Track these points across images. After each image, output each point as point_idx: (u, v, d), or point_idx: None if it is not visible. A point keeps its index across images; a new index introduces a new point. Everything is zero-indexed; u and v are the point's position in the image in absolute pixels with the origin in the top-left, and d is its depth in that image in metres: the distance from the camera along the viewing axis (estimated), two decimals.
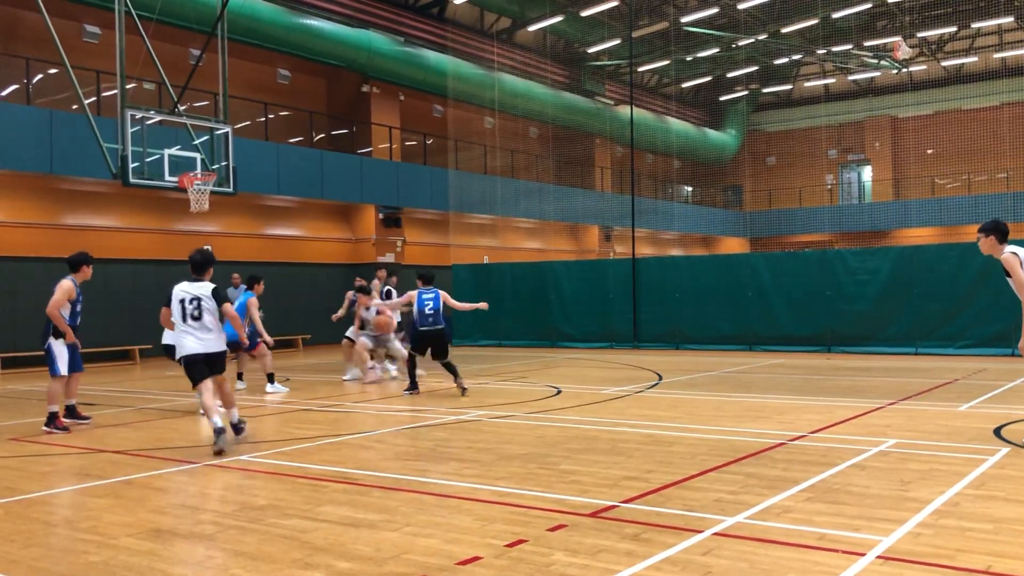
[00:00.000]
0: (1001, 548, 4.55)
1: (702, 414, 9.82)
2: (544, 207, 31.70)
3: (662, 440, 8.10)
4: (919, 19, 35.20)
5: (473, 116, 30.59)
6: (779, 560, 4.44)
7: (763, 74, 41.55)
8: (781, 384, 12.93)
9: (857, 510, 5.38)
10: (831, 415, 9.40)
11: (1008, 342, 16.72)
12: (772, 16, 34.32)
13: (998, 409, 9.59)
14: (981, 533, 4.82)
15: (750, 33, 34.75)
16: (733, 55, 37.63)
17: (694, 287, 20.43)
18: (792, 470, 6.56)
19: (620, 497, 5.81)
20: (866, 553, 4.48)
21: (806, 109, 43.14)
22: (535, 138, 34.86)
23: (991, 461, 6.73)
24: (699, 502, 5.65)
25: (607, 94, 37.64)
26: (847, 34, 35.60)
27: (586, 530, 5.05)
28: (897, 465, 6.71)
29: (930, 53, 38.77)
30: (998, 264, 8.02)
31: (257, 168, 21.37)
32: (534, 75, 33.58)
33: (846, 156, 43.19)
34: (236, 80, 20.46)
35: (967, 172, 38.21)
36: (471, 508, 5.66)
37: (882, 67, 38.23)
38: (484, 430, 9.00)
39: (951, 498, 5.60)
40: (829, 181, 43.04)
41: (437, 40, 29.52)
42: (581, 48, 35.37)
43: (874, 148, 42.05)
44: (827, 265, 18.92)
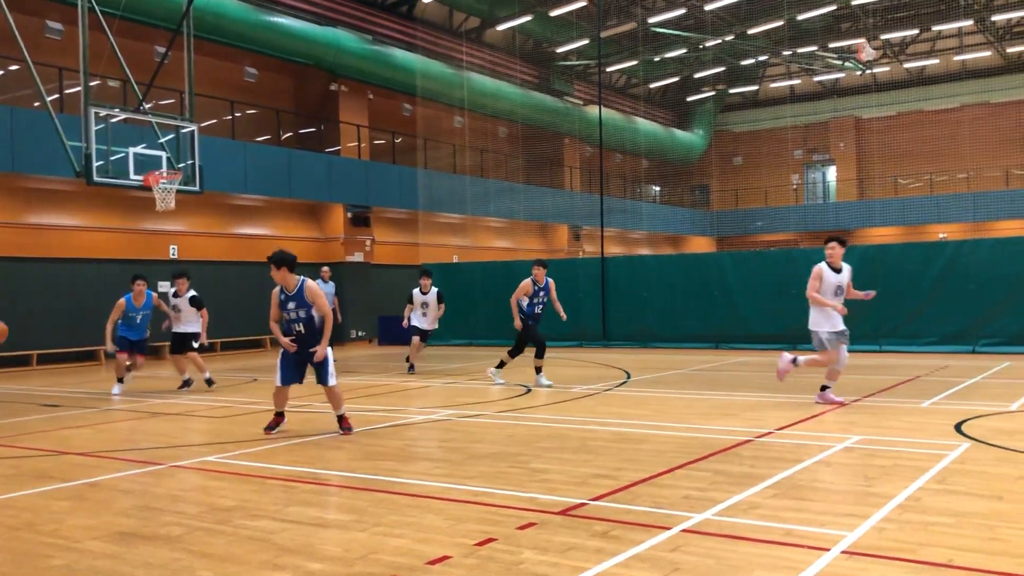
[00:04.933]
0: (962, 542, 4.63)
1: (670, 412, 9.89)
2: (514, 206, 31.73)
3: (631, 438, 8.14)
4: (882, 21, 35.68)
5: (442, 115, 30.54)
6: (746, 556, 4.49)
7: (730, 75, 41.91)
8: (748, 382, 13.06)
9: (822, 506, 5.45)
10: (797, 412, 9.51)
11: (968, 339, 17.05)
12: (738, 17, 34.62)
13: (959, 405, 9.76)
14: (943, 527, 4.91)
15: (717, 34, 35.02)
16: (700, 56, 37.91)
17: (662, 286, 20.55)
18: (759, 467, 6.63)
19: (589, 495, 5.84)
20: (831, 548, 4.54)
21: (772, 110, 43.59)
22: (504, 137, 34.87)
23: (952, 456, 6.85)
24: (667, 499, 5.69)
25: (576, 94, 37.75)
26: (812, 36, 36.02)
27: (556, 528, 5.07)
28: (861, 461, 6.81)
29: (893, 55, 39.33)
30: (961, 263, 8.17)
31: (224, 167, 21.17)
32: (503, 74, 33.59)
33: (811, 156, 43.67)
34: (202, 78, 20.23)
35: (929, 172, 38.81)
36: (441, 507, 5.66)
37: (846, 68, 38.72)
38: (454, 429, 9.00)
39: (914, 493, 5.69)
40: (795, 181, 43.51)
41: (406, 39, 29.42)
42: (550, 48, 35.45)
43: (839, 148, 42.57)
44: (792, 264, 19.11)
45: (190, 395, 12.77)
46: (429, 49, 29.88)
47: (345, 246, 26.30)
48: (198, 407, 11.33)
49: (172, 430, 9.52)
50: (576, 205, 34.97)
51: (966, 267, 17.05)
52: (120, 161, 14.15)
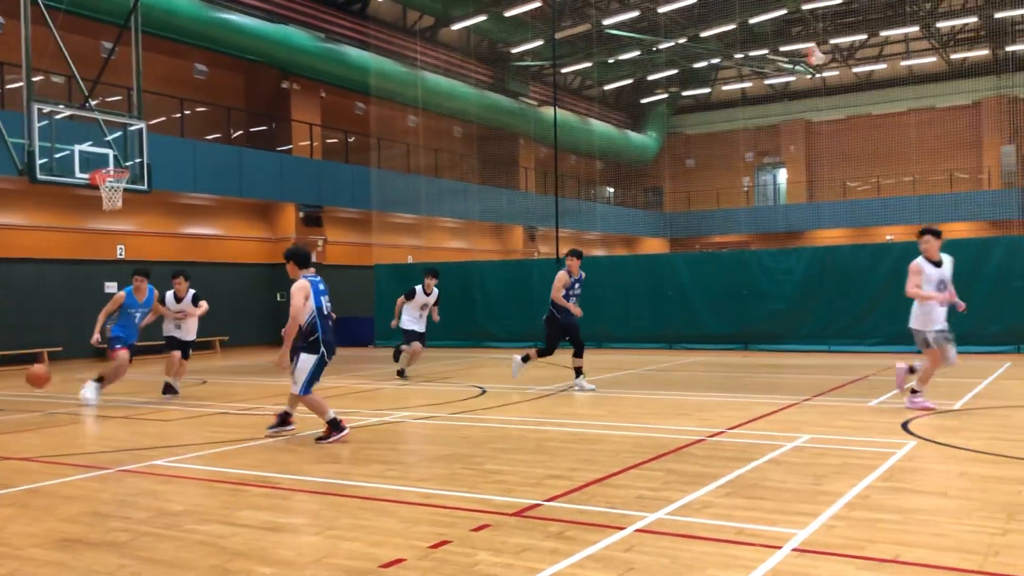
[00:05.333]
0: (909, 538, 4.72)
1: (624, 412, 9.94)
2: (468, 206, 31.67)
3: (586, 438, 8.16)
4: (831, 26, 36.32)
5: (396, 114, 30.37)
6: (699, 555, 4.52)
7: (683, 77, 42.33)
8: (700, 381, 13.18)
9: (774, 504, 5.51)
10: (748, 411, 9.62)
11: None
12: (691, 20, 34.98)
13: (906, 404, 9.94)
14: (890, 524, 5.00)
15: (670, 37, 35.34)
16: (654, 58, 38.23)
17: (616, 287, 20.66)
18: (711, 466, 6.69)
19: (544, 496, 5.84)
20: (782, 546, 4.59)
21: (724, 113, 44.10)
22: (459, 137, 34.80)
23: (899, 454, 6.98)
24: (622, 499, 5.71)
25: (531, 95, 37.82)
26: (763, 39, 36.53)
27: (510, 529, 5.06)
28: (811, 460, 6.90)
29: (842, 59, 40.05)
30: (908, 264, 8.31)
31: (173, 165, 20.81)
32: (458, 74, 33.52)
33: (762, 159, 44.29)
34: (150, 74, 19.86)
35: (876, 175, 39.58)
36: (395, 510, 5.61)
37: (797, 72, 39.33)
38: (408, 431, 8.94)
39: (862, 491, 5.78)
40: (746, 183, 44.08)
41: (359, 37, 29.21)
42: (505, 48, 35.47)
43: (789, 151, 43.21)
44: (744, 265, 19.38)
45: (139, 398, 12.51)
46: (383, 48, 29.69)
47: None
48: (146, 410, 11.11)
49: (119, 434, 9.31)
50: (531, 206, 35.03)
51: None
52: (65, 159, 13.83)
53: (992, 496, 5.59)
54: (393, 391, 12.88)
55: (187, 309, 12.76)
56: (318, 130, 28.14)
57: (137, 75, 14.98)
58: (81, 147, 14.16)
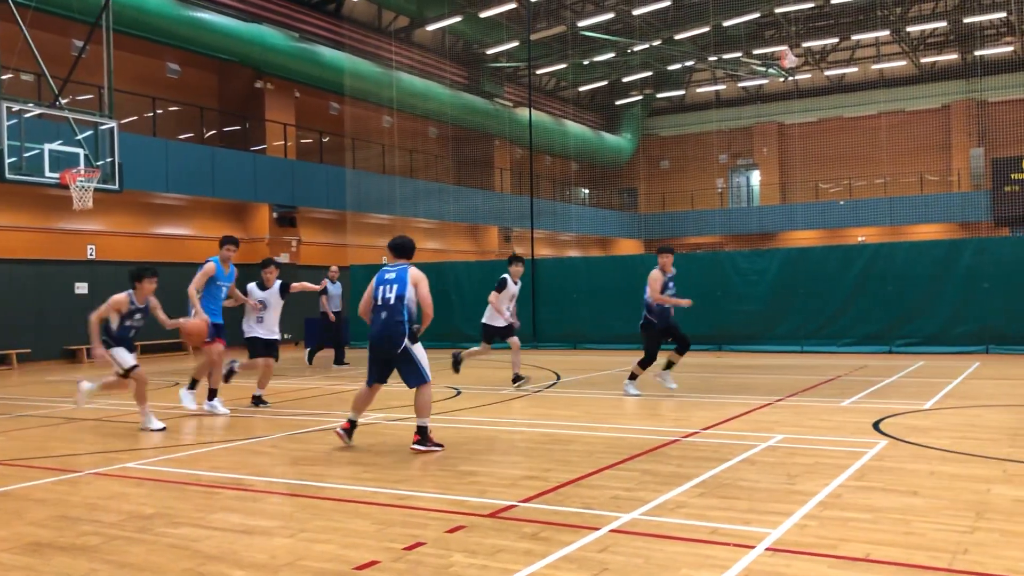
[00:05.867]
0: (880, 536, 4.77)
1: (599, 412, 9.97)
2: (444, 207, 31.62)
3: (560, 439, 8.18)
4: (804, 30, 36.66)
5: (371, 114, 30.27)
6: (673, 555, 4.54)
7: (657, 79, 42.53)
8: (675, 382, 13.21)
9: (747, 504, 5.55)
10: (722, 412, 9.68)
11: (885, 340, 17.61)
12: (666, 23, 35.16)
13: (877, 404, 10.06)
14: (862, 523, 5.05)
15: (644, 39, 35.50)
16: (628, 60, 38.38)
17: (591, 288, 20.73)
18: (685, 466, 6.72)
19: (519, 497, 5.84)
20: (756, 545, 4.63)
21: (698, 115, 44.35)
22: (434, 138, 34.74)
23: (871, 454, 7.05)
24: (596, 499, 5.72)
25: (506, 96, 37.84)
26: (737, 42, 36.79)
27: (485, 530, 5.06)
28: (784, 459, 6.96)
29: (814, 63, 40.43)
30: (879, 265, 8.41)
31: (144, 165, 20.60)
32: (433, 75, 33.46)
33: (735, 161, 44.58)
34: (122, 73, 19.67)
35: (848, 177, 39.98)
36: (369, 512, 5.59)
37: (770, 75, 39.64)
38: (383, 433, 8.91)
39: (834, 490, 5.83)
40: (720, 185, 44.36)
41: (333, 37, 29.08)
42: (480, 49, 35.46)
43: (762, 153, 43.54)
44: (718, 266, 19.50)
45: (110, 400, 12.36)
46: (357, 48, 29.58)
47: (270, 247, 25.85)
48: (116, 413, 10.99)
49: (89, 436, 9.20)
50: (506, 207, 35.04)
51: (883, 270, 17.62)
52: (35, 158, 13.67)
53: (961, 495, 5.67)
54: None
55: (272, 301, 11.34)
56: (292, 130, 27.98)
57: (108, 74, 14.83)
58: (51, 146, 14.01)
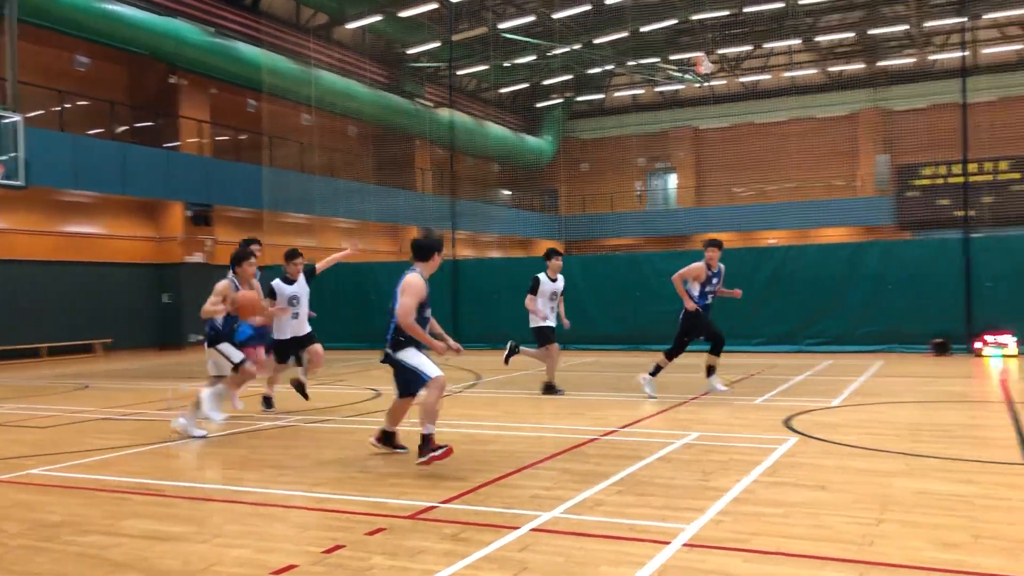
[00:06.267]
0: (791, 530, 4.92)
1: (519, 412, 10.02)
2: (364, 207, 31.28)
3: (480, 439, 8.19)
4: (719, 37, 37.50)
5: (289, 112, 29.77)
6: (592, 552, 4.60)
7: (577, 83, 42.91)
8: (594, 382, 13.40)
9: (664, 500, 5.65)
10: (640, 410, 9.84)
11: (795, 340, 18.17)
12: (585, 27, 35.52)
13: (788, 402, 10.37)
14: (774, 517, 5.20)
15: (565, 42, 35.80)
16: (549, 63, 38.64)
17: (512, 288, 20.74)
18: (604, 464, 6.81)
19: (439, 498, 5.83)
20: (672, 541, 4.72)
21: (617, 118, 44.92)
22: (354, 137, 34.38)
23: (782, 450, 7.26)
24: (516, 499, 5.75)
25: (427, 96, 37.69)
26: (654, 48, 37.40)
27: (405, 532, 5.03)
28: (699, 456, 7.11)
29: (729, 69, 41.40)
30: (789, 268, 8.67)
31: (52, 160, 19.83)
32: (353, 73, 33.10)
33: (653, 164, 45.30)
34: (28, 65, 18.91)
35: (761, 181, 41.05)
36: (286, 516, 5.51)
37: (686, 80, 40.40)
38: (301, 435, 8.78)
39: (748, 486, 5.99)
40: (638, 188, 45.04)
41: (251, 33, 28.50)
42: (401, 49, 35.23)
43: (678, 157, 44.35)
44: (636, 267, 19.83)
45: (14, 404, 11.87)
46: (275, 44, 29.05)
47: (184, 246, 25.19)
48: (20, 417, 10.56)
49: None
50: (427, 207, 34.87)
51: (793, 272, 18.18)
52: None
53: (867, 488, 5.88)
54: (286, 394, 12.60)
55: (302, 297, 10.90)
56: (207, 127, 27.32)
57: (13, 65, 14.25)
58: None
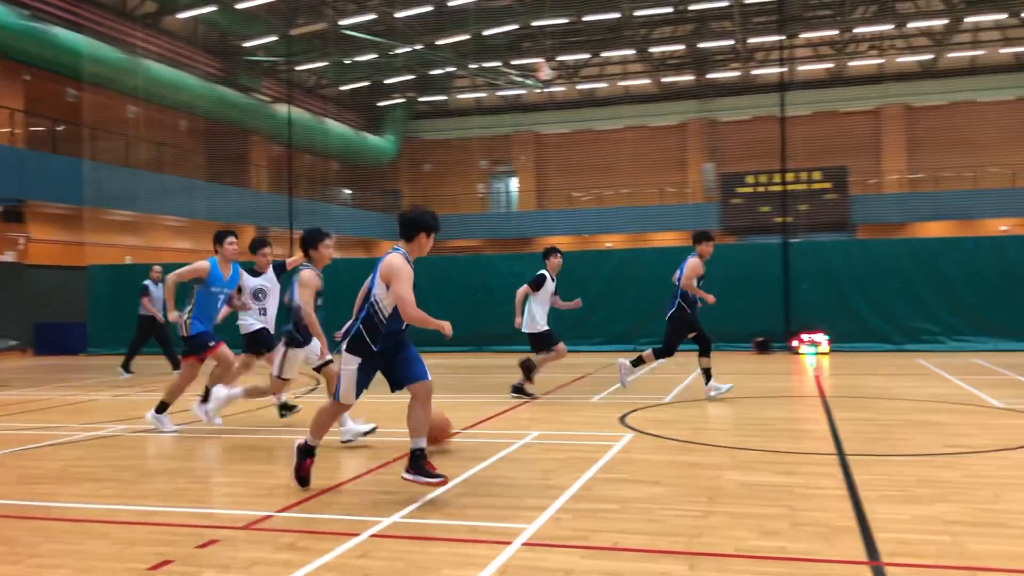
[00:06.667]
0: (627, 525, 5.06)
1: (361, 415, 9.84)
2: (195, 205, 29.96)
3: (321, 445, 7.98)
4: (559, 44, 38.35)
5: (114, 103, 28.14)
6: (434, 556, 4.57)
7: (419, 83, 42.78)
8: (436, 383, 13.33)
9: (505, 500, 5.70)
10: (482, 411, 9.90)
11: (631, 339, 18.82)
12: (428, 28, 35.48)
13: (623, 399, 10.70)
14: (611, 513, 5.33)
15: (407, 42, 35.62)
16: (391, 62, 38.33)
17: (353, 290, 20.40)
18: (446, 466, 6.78)
19: (276, 506, 5.64)
20: (513, 541, 4.75)
21: (459, 120, 45.14)
22: (185, 131, 32.89)
23: (618, 446, 7.48)
24: (356, 505, 5.65)
25: (263, 90, 36.56)
26: (496, 52, 37.84)
27: (239, 543, 4.84)
28: (540, 455, 7.22)
29: (568, 76, 42.42)
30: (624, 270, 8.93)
31: None
32: (184, 65, 31.67)
33: (495, 167, 45.80)
34: None
35: (599, 187, 42.30)
36: (109, 531, 5.17)
37: (527, 85, 41.12)
38: (125, 445, 8.29)
39: (586, 483, 6.13)
40: (480, 190, 45.41)
41: (70, 17, 26.72)
42: (236, 41, 34.00)
43: (520, 161, 45.04)
44: (479, 269, 19.97)
45: None
46: (99, 31, 27.39)
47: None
48: None
49: None
50: (263, 206, 33.80)
51: (628, 274, 18.85)
52: None
53: (697, 482, 6.14)
54: (109, 402, 11.89)
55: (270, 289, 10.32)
56: (21, 116, 25.41)
57: None
58: None
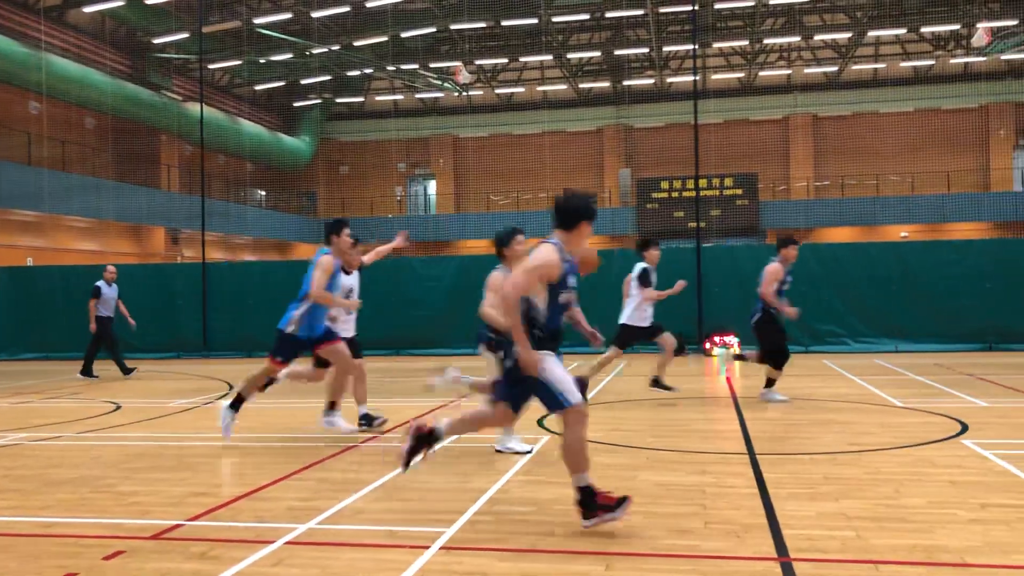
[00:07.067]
0: (544, 528, 5.09)
1: (273, 422, 9.69)
2: (102, 205, 28.97)
3: (233, 451, 7.83)
4: (477, 48, 38.43)
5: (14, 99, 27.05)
6: (350, 562, 4.52)
7: (336, 84, 42.29)
8: None
9: (423, 504, 5.67)
10: (401, 415, 9.84)
11: None
12: (345, 29, 35.12)
13: None
14: (528, 515, 5.36)
15: (324, 42, 35.16)
16: (307, 62, 37.79)
17: (268, 293, 20.08)
18: (362, 472, 6.72)
19: (186, 515, 5.49)
20: (431, 545, 4.73)
21: (377, 122, 44.81)
22: (92, 129, 31.81)
23: (536, 448, 7.52)
24: (270, 512, 5.55)
25: (175, 89, 35.61)
26: (414, 54, 37.67)
27: (147, 554, 4.69)
28: (459, 458, 7.21)
29: (486, 80, 42.52)
30: None
31: None
32: (91, 60, 30.63)
33: (414, 170, 45.59)
34: None
35: (517, 190, 42.50)
36: (8, 545, 4.96)
37: (445, 88, 41.06)
38: (26, 455, 7.96)
39: (504, 485, 6.14)
40: (398, 192, 45.12)
41: None
42: (146, 38, 33.03)
43: (438, 164, 44.92)
44: (397, 272, 19.85)
45: None
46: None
47: None
48: None
49: None
50: (174, 206, 32.94)
51: None
52: None
53: (612, 483, 6.21)
54: (7, 409, 11.40)
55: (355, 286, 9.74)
56: None
57: None
58: None
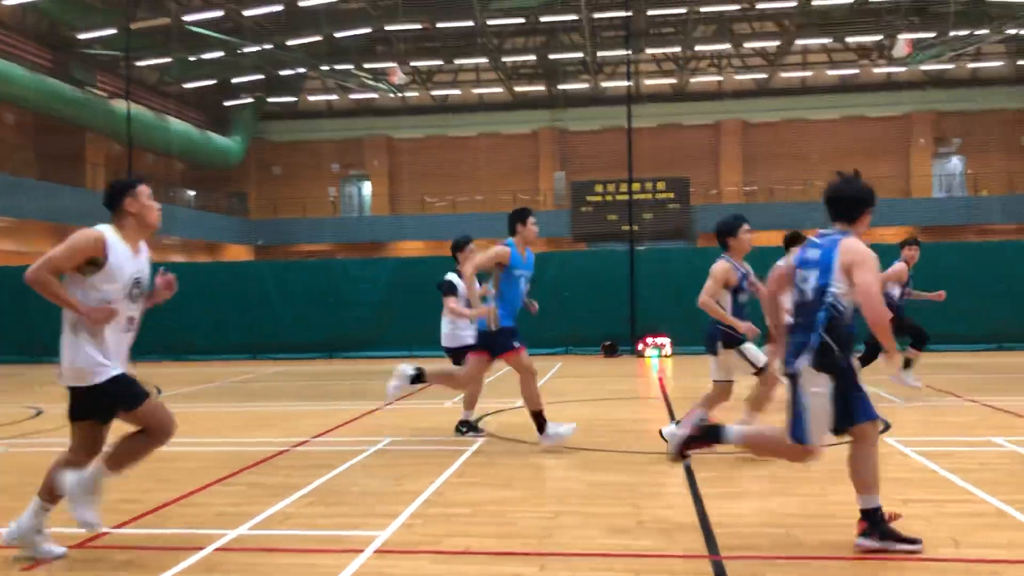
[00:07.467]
0: (478, 529, 5.10)
1: (204, 426, 9.51)
2: (23, 204, 28.01)
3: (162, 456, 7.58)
4: (412, 49, 38.26)
5: None
6: (282, 567, 4.46)
7: (269, 83, 41.66)
8: (285, 391, 13.06)
9: (357, 508, 5.63)
10: (332, 419, 9.74)
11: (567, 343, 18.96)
12: (278, 27, 34.62)
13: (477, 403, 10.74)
14: (462, 517, 5.36)
15: (256, 41, 34.61)
16: (239, 61, 37.13)
17: (198, 295, 19.64)
18: (294, 476, 6.64)
19: (111, 523, 5.35)
20: (365, 549, 4.70)
21: (311, 123, 44.27)
22: (12, 125, 30.78)
23: (470, 451, 7.53)
24: (200, 518, 5.45)
25: (99, 85, 34.65)
26: (349, 54, 37.33)
27: (70, 564, 4.58)
28: (392, 462, 7.17)
29: (421, 82, 42.36)
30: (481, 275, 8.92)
31: None
32: (12, 55, 29.63)
33: (348, 171, 45.15)
34: None
35: (452, 192, 42.42)
36: None
37: (380, 89, 40.76)
38: None
39: (438, 488, 6.13)
40: (332, 193, 44.65)
41: None
42: (70, 32, 32.06)
43: (373, 165, 44.58)
44: (330, 273, 19.64)
45: None
46: None
47: None
48: None
49: None
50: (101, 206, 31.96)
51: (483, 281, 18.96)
52: None
53: (547, 484, 6.27)
54: None
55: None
56: None
57: None
58: None
